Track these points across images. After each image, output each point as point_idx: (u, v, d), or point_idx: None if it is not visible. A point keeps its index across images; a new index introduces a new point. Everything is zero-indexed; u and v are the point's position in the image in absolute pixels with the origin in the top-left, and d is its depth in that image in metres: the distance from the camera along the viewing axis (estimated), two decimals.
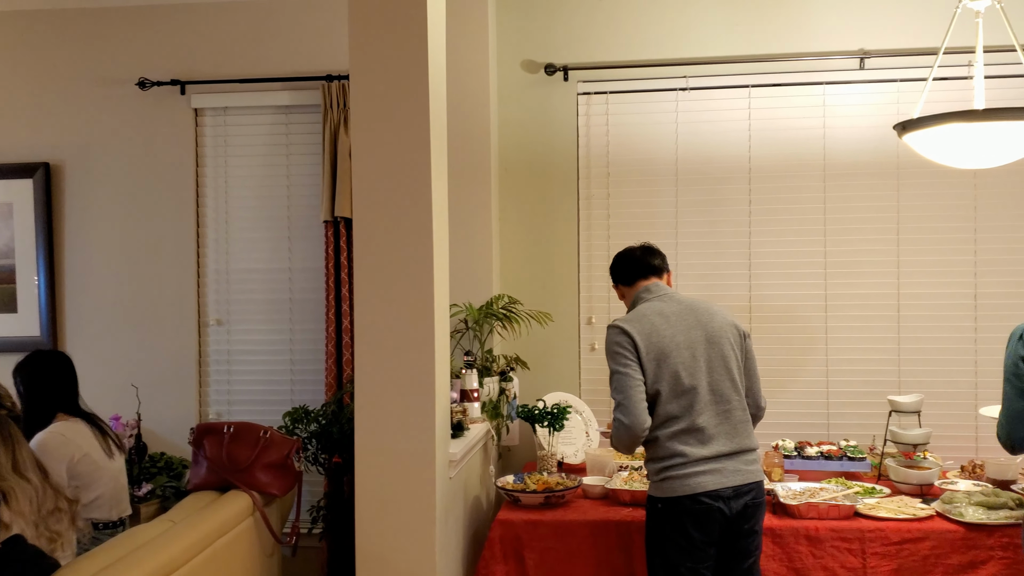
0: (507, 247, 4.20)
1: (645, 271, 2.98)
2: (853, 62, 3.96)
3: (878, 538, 3.02)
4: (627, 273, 3.02)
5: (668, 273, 3.04)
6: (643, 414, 2.72)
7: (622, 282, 3.05)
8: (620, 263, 3.05)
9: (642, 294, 2.95)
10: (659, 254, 3.03)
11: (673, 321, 2.81)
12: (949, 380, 3.96)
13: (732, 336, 2.83)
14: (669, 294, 2.92)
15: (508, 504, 3.32)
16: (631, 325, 2.81)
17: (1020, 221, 3.91)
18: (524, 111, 4.17)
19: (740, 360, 2.84)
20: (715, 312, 2.86)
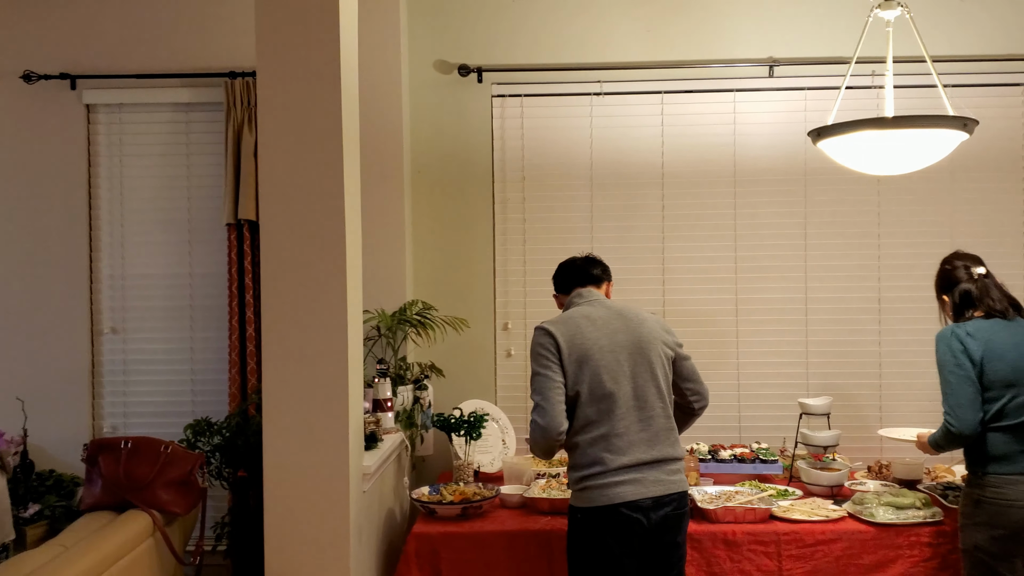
0: (421, 251, 4.10)
1: (583, 279, 2.95)
2: (763, 70, 4.02)
3: (793, 540, 3.05)
4: (565, 281, 2.99)
5: (608, 283, 3.01)
6: (559, 416, 2.67)
7: (560, 290, 3.02)
8: (560, 271, 3.02)
9: (574, 299, 2.92)
10: (601, 264, 3.00)
11: (599, 325, 2.77)
12: (855, 382, 4.05)
13: (661, 344, 2.81)
14: (600, 300, 2.89)
15: (424, 516, 3.22)
16: (555, 326, 2.77)
17: (920, 227, 4.04)
18: (437, 112, 4.09)
19: (668, 368, 2.81)
20: (645, 319, 2.83)
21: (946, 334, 2.84)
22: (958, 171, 3.96)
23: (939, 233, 4.03)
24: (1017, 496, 2.71)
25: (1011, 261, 4.03)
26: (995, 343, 2.79)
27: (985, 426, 2.77)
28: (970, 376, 2.76)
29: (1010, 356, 2.77)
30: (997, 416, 2.76)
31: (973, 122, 2.68)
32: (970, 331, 2.81)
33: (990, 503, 2.75)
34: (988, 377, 2.76)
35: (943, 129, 2.65)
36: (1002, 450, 2.75)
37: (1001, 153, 4.00)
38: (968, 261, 2.99)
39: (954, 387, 2.77)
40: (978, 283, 2.92)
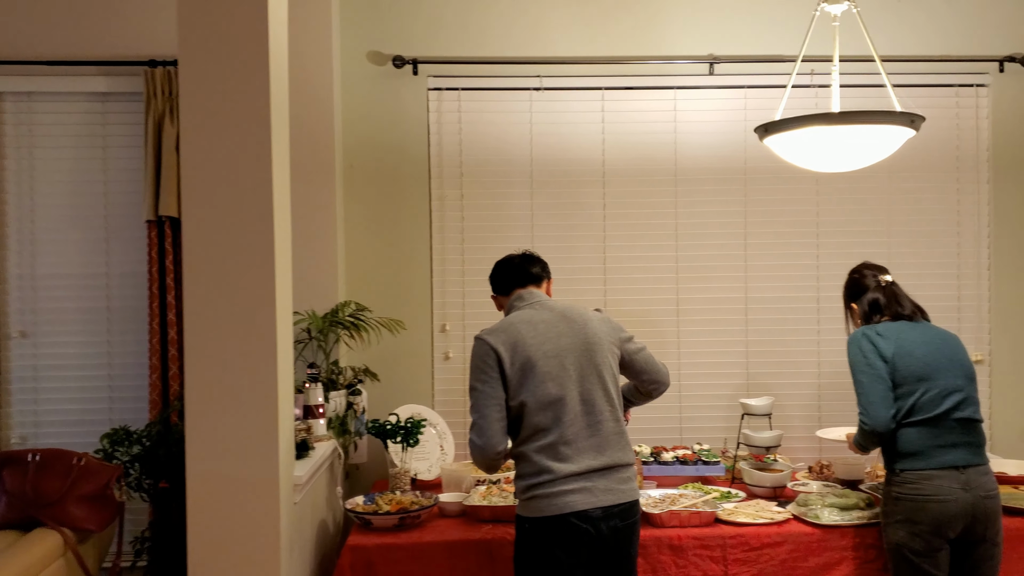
0: (353, 250, 3.94)
1: (522, 279, 2.84)
2: (703, 67, 3.98)
3: (739, 544, 3.00)
4: (503, 281, 2.88)
5: (549, 281, 2.91)
6: (496, 436, 2.60)
7: (499, 291, 2.91)
8: (497, 271, 2.91)
9: (514, 302, 2.81)
10: (539, 262, 2.89)
11: (542, 329, 2.67)
12: (794, 382, 4.03)
13: (608, 344, 2.72)
14: (541, 301, 2.78)
15: (358, 527, 3.08)
16: (494, 336, 2.66)
17: (857, 227, 4.05)
18: (371, 105, 3.94)
19: (616, 368, 2.73)
20: (590, 319, 2.73)
21: (856, 336, 2.92)
22: (895, 171, 3.97)
23: (876, 233, 4.05)
24: (933, 491, 2.73)
25: (945, 261, 4.08)
26: (905, 340, 2.86)
27: (899, 423, 2.81)
28: (881, 375, 2.81)
29: (919, 352, 2.84)
30: (910, 412, 2.80)
31: (920, 118, 2.67)
32: (880, 331, 2.88)
33: (908, 500, 2.77)
34: (900, 373, 2.81)
35: (890, 125, 2.62)
36: (916, 446, 2.78)
37: (935, 154, 4.03)
38: (875, 270, 3.09)
39: (865, 386, 2.83)
40: (885, 290, 3.02)
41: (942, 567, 2.77)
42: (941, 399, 2.80)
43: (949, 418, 2.79)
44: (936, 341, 2.90)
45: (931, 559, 2.76)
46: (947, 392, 2.81)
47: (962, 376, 2.86)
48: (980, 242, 4.08)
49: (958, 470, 2.76)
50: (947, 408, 2.79)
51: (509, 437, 2.68)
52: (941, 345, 2.89)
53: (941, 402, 2.80)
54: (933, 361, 2.84)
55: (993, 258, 4.07)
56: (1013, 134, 4.07)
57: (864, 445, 2.93)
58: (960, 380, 2.84)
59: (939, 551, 2.76)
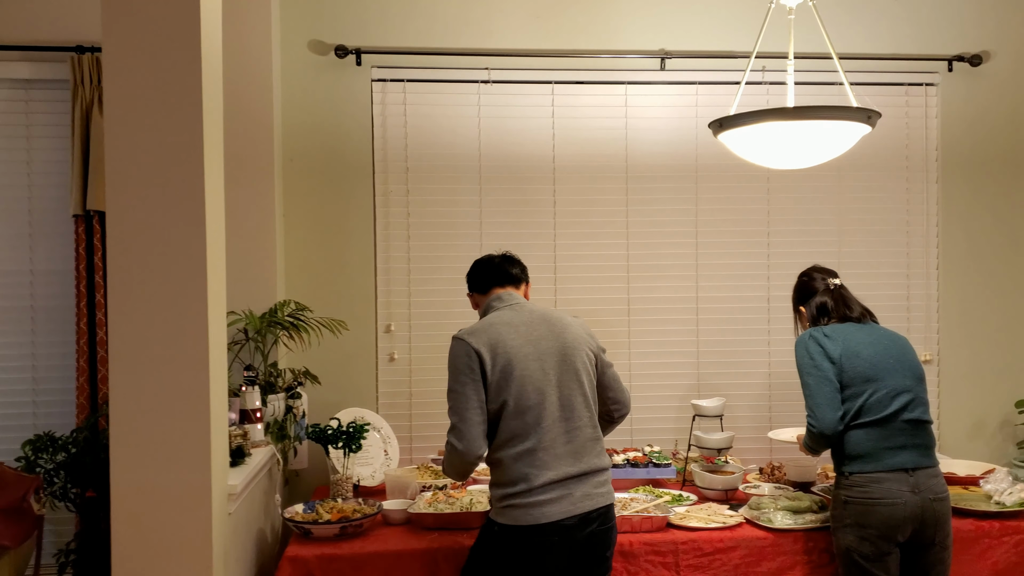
0: (293, 247, 3.79)
1: (502, 279, 2.78)
2: (654, 62, 3.90)
3: (691, 549, 2.94)
4: (482, 280, 2.81)
5: (527, 284, 2.85)
6: (478, 440, 2.53)
7: (476, 290, 2.83)
8: (476, 269, 2.84)
9: (493, 303, 2.74)
10: (519, 264, 2.83)
11: (522, 331, 2.60)
12: (744, 383, 3.99)
13: (587, 349, 2.66)
14: (521, 303, 2.72)
15: (298, 537, 2.94)
16: (475, 337, 2.58)
17: (807, 226, 4.01)
18: (312, 96, 3.78)
19: (594, 374, 2.67)
20: (569, 323, 2.67)
21: (804, 338, 2.90)
22: (845, 170, 3.94)
23: (826, 232, 4.02)
24: (882, 494, 2.70)
25: (895, 261, 4.07)
26: (852, 341, 2.84)
27: (847, 425, 2.78)
28: (828, 377, 2.79)
29: (867, 352, 2.82)
30: (858, 413, 2.77)
31: (876, 114, 2.63)
32: (827, 332, 2.87)
33: (857, 503, 2.74)
34: (848, 374, 2.79)
35: (846, 121, 2.56)
36: (865, 448, 2.75)
37: (885, 153, 4.01)
38: (825, 273, 3.07)
39: (813, 388, 2.81)
40: (834, 294, 3.00)
41: (892, 571, 2.75)
42: (890, 400, 2.77)
43: (898, 419, 2.77)
44: (884, 342, 2.88)
45: (881, 563, 2.73)
46: (896, 393, 2.78)
47: (911, 377, 2.84)
48: (929, 242, 4.08)
49: (907, 472, 2.73)
50: (896, 409, 2.77)
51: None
52: (889, 345, 2.87)
53: (890, 403, 2.77)
54: (881, 362, 2.82)
55: (942, 258, 4.08)
56: (961, 134, 4.07)
57: (813, 447, 2.90)
58: (909, 381, 2.82)
59: (888, 555, 2.73)
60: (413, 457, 3.79)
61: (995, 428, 4.10)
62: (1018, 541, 3.00)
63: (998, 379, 4.09)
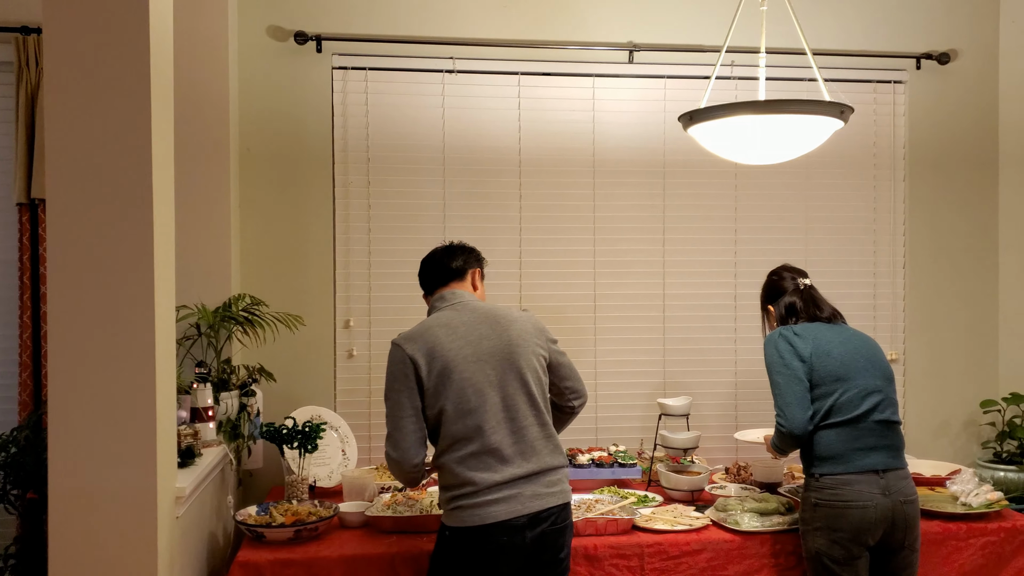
0: (249, 239, 3.65)
1: (442, 277, 2.68)
2: (622, 55, 3.83)
3: (657, 553, 2.86)
4: (427, 280, 2.72)
5: (475, 271, 2.72)
6: (412, 449, 2.49)
7: (425, 290, 2.74)
8: (422, 269, 2.74)
9: (436, 303, 2.65)
10: (460, 254, 2.71)
11: (461, 332, 2.51)
12: (711, 381, 3.93)
13: (534, 346, 2.56)
14: (463, 302, 2.61)
15: (250, 541, 2.82)
16: (410, 343, 2.50)
17: (775, 223, 3.97)
18: (270, 84, 3.65)
19: (543, 372, 2.58)
20: (515, 319, 2.58)
21: (774, 336, 2.85)
22: (812, 167, 3.90)
23: (794, 230, 3.98)
24: (853, 497, 2.65)
25: (862, 259, 4.04)
26: (822, 340, 2.79)
27: (817, 425, 2.73)
28: (798, 376, 2.74)
29: (837, 352, 2.77)
30: (829, 413, 2.72)
31: (849, 109, 2.58)
32: (797, 331, 2.82)
33: (827, 506, 2.68)
34: (818, 373, 2.74)
35: (819, 116, 2.51)
36: (835, 449, 2.70)
37: (853, 150, 3.98)
38: (794, 273, 3.01)
39: (782, 388, 2.76)
40: (803, 294, 2.94)
41: (861, 574, 2.70)
42: (860, 400, 2.73)
43: (868, 420, 2.72)
44: (854, 342, 2.83)
45: (850, 567, 2.68)
46: (866, 393, 2.74)
47: (881, 377, 2.79)
48: (895, 240, 4.06)
49: (878, 474, 2.68)
50: (866, 409, 2.72)
51: (431, 446, 2.55)
52: (859, 345, 2.83)
53: (860, 403, 2.72)
54: (851, 361, 2.77)
55: (908, 256, 4.06)
56: (928, 132, 4.05)
57: (781, 448, 2.85)
58: (879, 381, 2.78)
59: (858, 558, 2.68)
60: (372, 457, 3.68)
61: (959, 428, 4.09)
62: (985, 543, 2.97)
63: (963, 378, 4.08)
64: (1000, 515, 3.07)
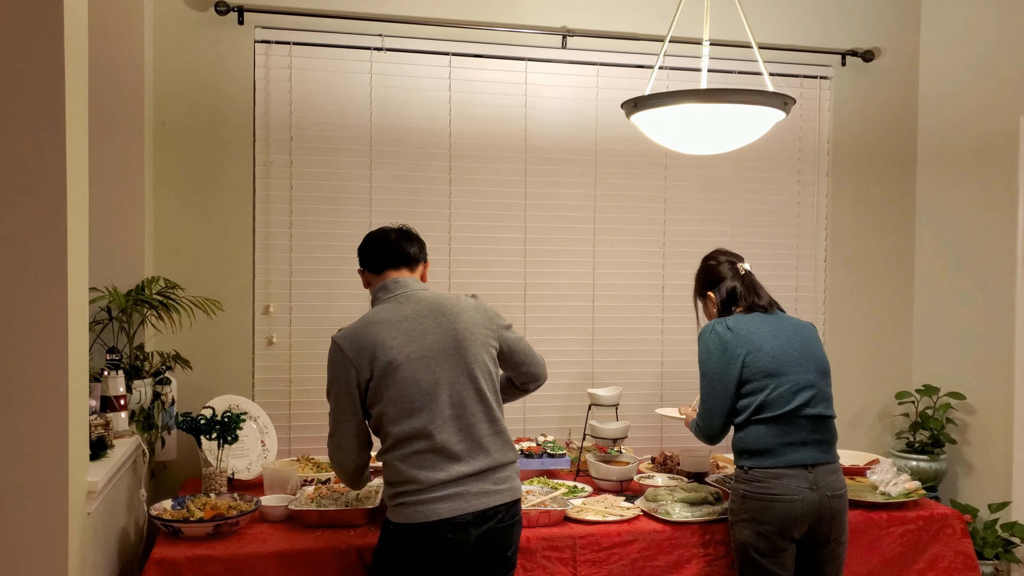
0: (164, 219, 3.46)
1: (396, 260, 2.54)
2: (556, 40, 3.77)
3: (589, 544, 2.83)
4: (375, 259, 2.57)
5: (425, 264, 2.63)
6: (352, 451, 2.46)
7: (369, 268, 2.59)
8: (370, 246, 2.59)
9: (379, 293, 2.53)
10: (417, 241, 2.60)
11: (404, 327, 2.40)
12: (638, 371, 3.93)
13: (484, 335, 2.47)
14: (407, 293, 2.49)
15: (166, 537, 2.67)
16: (349, 341, 2.40)
17: (702, 215, 3.99)
18: (188, 56, 3.46)
19: (493, 363, 2.49)
20: (463, 310, 2.47)
21: (707, 331, 2.81)
22: (740, 160, 3.93)
23: (721, 222, 4.01)
24: (781, 490, 2.66)
25: (785, 252, 4.10)
26: (756, 335, 2.76)
27: (748, 420, 2.73)
28: (724, 379, 2.73)
29: (770, 346, 2.75)
30: (759, 409, 2.71)
31: (792, 101, 2.58)
32: (730, 325, 2.78)
33: (755, 498, 2.69)
34: (749, 369, 2.72)
35: (764, 107, 2.50)
36: (765, 443, 2.70)
37: (779, 144, 4.02)
38: (732, 258, 2.97)
39: (707, 390, 2.77)
40: (744, 279, 2.91)
41: (787, 567, 2.72)
42: (791, 395, 2.71)
43: (799, 415, 2.71)
44: (788, 334, 2.80)
45: (776, 559, 2.69)
46: (798, 388, 2.72)
47: (814, 371, 2.77)
48: (818, 234, 4.13)
49: (806, 469, 2.69)
50: (798, 404, 2.71)
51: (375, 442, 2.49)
52: (793, 338, 2.80)
53: (791, 399, 2.71)
54: (784, 356, 2.75)
55: (830, 250, 4.14)
56: (852, 128, 4.14)
57: (697, 436, 2.86)
58: (812, 375, 2.76)
59: (784, 551, 2.70)
60: (292, 448, 3.55)
61: (875, 418, 4.21)
62: (904, 531, 3.05)
63: (880, 370, 4.20)
64: (918, 504, 3.15)
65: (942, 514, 3.10)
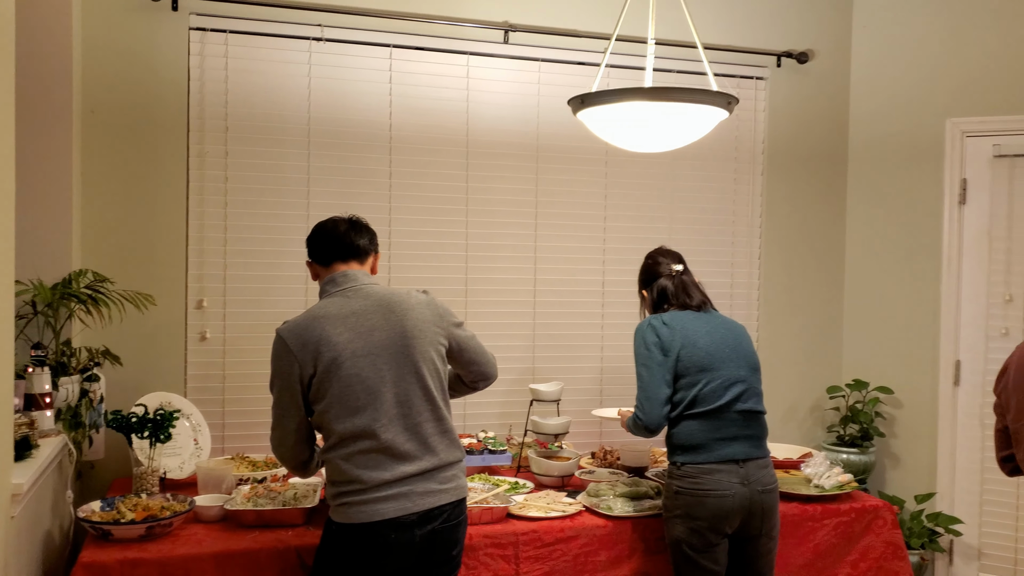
0: (92, 211, 3.33)
1: (345, 253, 2.48)
2: (498, 34, 3.75)
3: (532, 541, 2.83)
4: (324, 250, 2.50)
5: (375, 256, 2.58)
6: (294, 448, 2.40)
7: (317, 260, 2.53)
8: (318, 237, 2.52)
9: (326, 286, 2.47)
10: (367, 233, 2.55)
11: (351, 323, 2.35)
12: (577, 367, 3.94)
13: (432, 334, 2.43)
14: (356, 287, 2.43)
15: (94, 539, 2.58)
16: (293, 335, 2.34)
17: (642, 212, 4.02)
18: (119, 42, 3.33)
19: (441, 361, 2.46)
20: (411, 307, 2.42)
21: (642, 326, 2.85)
22: (678, 158, 3.95)
23: (659, 219, 4.04)
24: (713, 485, 2.70)
25: (721, 249, 4.16)
26: (689, 331, 2.80)
27: (681, 415, 2.76)
28: (661, 370, 2.76)
29: (703, 342, 2.79)
30: (692, 403, 2.75)
31: (735, 100, 2.61)
32: (665, 320, 2.83)
33: (687, 494, 2.73)
34: (683, 363, 2.76)
35: (709, 106, 2.52)
36: (698, 439, 2.74)
37: (716, 143, 4.04)
38: (669, 258, 3.01)
39: (644, 381, 2.78)
40: (675, 280, 2.95)
41: (720, 561, 2.76)
42: (723, 390, 2.76)
43: (731, 410, 2.76)
44: (721, 331, 2.86)
45: (709, 554, 2.73)
46: (730, 383, 2.77)
47: (745, 367, 2.83)
48: (752, 232, 4.20)
49: (737, 464, 2.74)
50: (729, 400, 2.76)
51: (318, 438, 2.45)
52: (726, 335, 2.86)
53: (723, 393, 2.76)
54: (717, 351, 2.79)
55: (764, 248, 4.21)
56: (786, 128, 4.21)
57: (634, 432, 2.87)
58: (743, 371, 2.82)
59: (716, 546, 2.74)
60: (226, 447, 3.46)
61: (806, 412, 4.30)
62: (838, 523, 3.12)
63: (811, 365, 4.29)
64: (851, 496, 3.22)
65: (874, 506, 3.18)
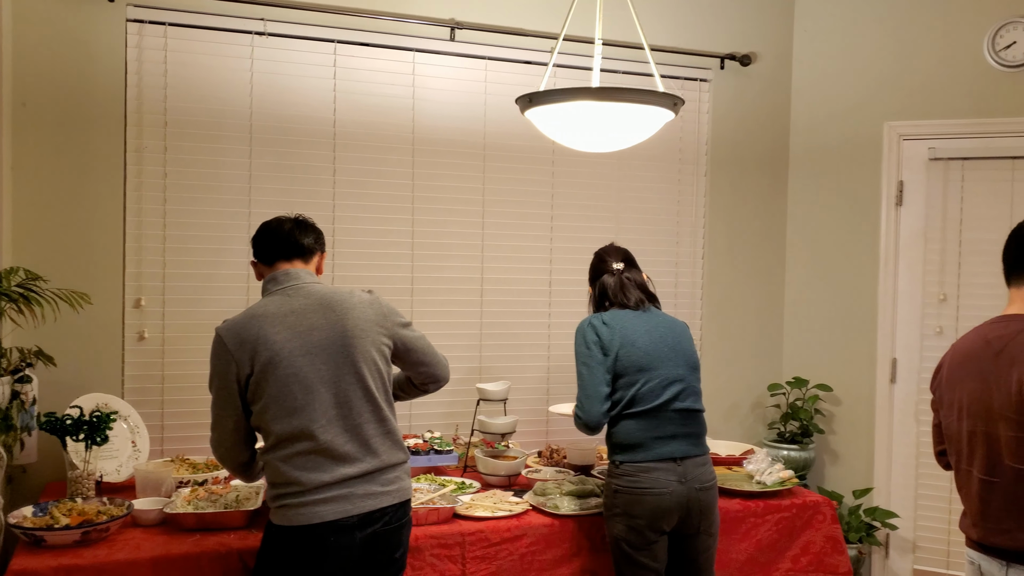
0: (24, 206, 3.22)
1: (289, 251, 2.46)
2: (444, 31, 3.73)
3: (478, 541, 2.83)
4: (268, 249, 2.48)
5: (321, 255, 2.55)
6: (236, 448, 2.39)
7: (262, 259, 2.50)
8: (263, 236, 2.50)
9: (268, 284, 2.43)
10: (312, 232, 2.53)
11: (290, 322, 2.31)
12: (524, 365, 3.94)
13: (375, 334, 2.40)
14: (297, 286, 2.40)
15: (27, 546, 2.50)
16: (231, 334, 2.31)
17: (588, 211, 4.03)
18: (53, 32, 3.22)
19: (384, 361, 2.43)
20: (353, 307, 2.39)
21: (583, 325, 2.88)
22: (624, 158, 3.98)
23: (606, 219, 4.06)
24: (650, 484, 2.73)
25: (665, 249, 4.20)
26: (628, 330, 2.83)
27: (619, 414, 2.79)
28: (600, 369, 2.78)
29: (642, 342, 2.82)
30: (630, 403, 2.78)
31: (681, 101, 2.62)
32: (605, 320, 2.85)
33: (626, 492, 2.75)
34: (622, 363, 2.79)
35: (655, 107, 2.54)
36: (636, 438, 2.77)
37: (661, 144, 4.07)
38: (613, 256, 3.02)
39: (584, 379, 2.80)
40: (615, 278, 2.96)
41: (659, 558, 2.78)
42: (661, 389, 2.79)
43: (668, 409, 2.79)
44: (661, 330, 2.88)
45: (648, 551, 2.76)
46: (668, 382, 2.80)
47: (684, 366, 2.86)
48: (696, 232, 4.25)
49: (675, 462, 2.76)
50: (667, 399, 2.79)
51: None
52: (665, 334, 2.88)
53: (661, 392, 2.79)
54: (655, 351, 2.82)
55: (707, 248, 4.26)
56: (728, 130, 4.27)
57: (578, 430, 2.88)
58: (682, 370, 2.84)
59: (655, 543, 2.76)
60: (165, 448, 3.37)
61: (748, 409, 4.36)
62: (779, 519, 3.17)
63: (752, 363, 4.35)
64: (792, 492, 3.28)
65: (814, 501, 3.24)
